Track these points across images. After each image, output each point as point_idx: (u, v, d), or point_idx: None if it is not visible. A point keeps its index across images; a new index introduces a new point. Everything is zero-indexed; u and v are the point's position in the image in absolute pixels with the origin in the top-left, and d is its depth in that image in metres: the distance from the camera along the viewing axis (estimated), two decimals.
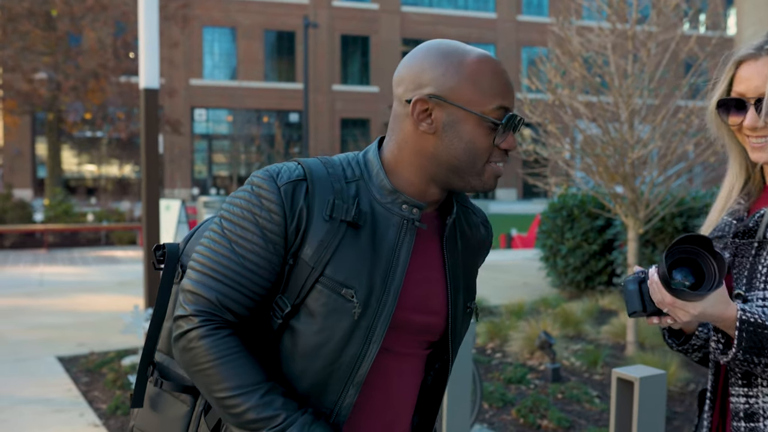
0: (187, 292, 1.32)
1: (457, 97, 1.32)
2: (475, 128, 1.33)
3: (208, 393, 1.29)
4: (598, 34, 6.19)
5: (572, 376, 5.75)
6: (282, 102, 38.16)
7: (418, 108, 1.33)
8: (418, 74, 1.34)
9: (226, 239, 1.32)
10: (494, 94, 1.33)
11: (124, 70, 22.37)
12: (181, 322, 1.31)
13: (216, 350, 1.28)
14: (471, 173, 1.36)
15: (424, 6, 41.39)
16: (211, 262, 1.32)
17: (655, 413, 2.51)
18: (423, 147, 1.35)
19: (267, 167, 1.36)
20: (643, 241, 7.78)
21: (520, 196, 42.79)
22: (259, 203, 1.31)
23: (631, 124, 5.93)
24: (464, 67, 1.33)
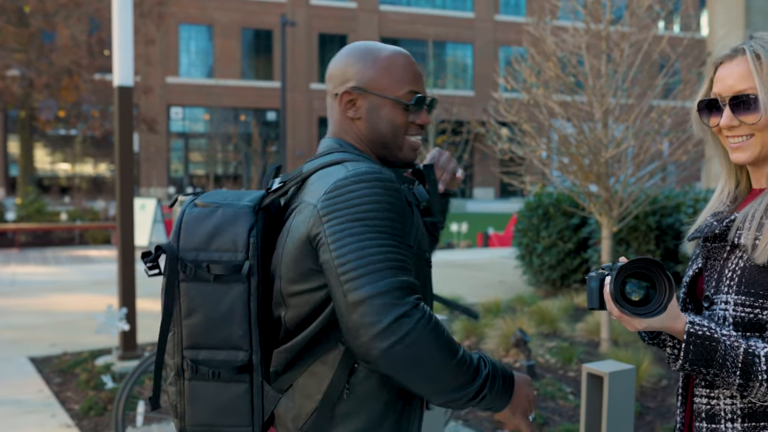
0: (391, 290, 1.37)
1: (375, 86, 1.60)
2: (392, 110, 1.62)
3: (451, 372, 1.40)
4: (572, 34, 6.23)
5: (547, 372, 5.79)
6: (259, 100, 37.99)
7: (345, 99, 1.62)
8: (343, 71, 1.62)
9: (391, 230, 1.43)
10: (405, 81, 1.62)
11: (98, 67, 22.09)
12: (406, 321, 1.36)
13: (440, 325, 1.41)
14: (394, 146, 1.63)
15: (402, 5, 41.41)
16: (392, 255, 1.41)
17: (625, 407, 2.54)
18: (358, 130, 1.63)
19: (366, 171, 1.47)
20: (617, 240, 7.86)
21: (497, 195, 42.97)
22: (401, 200, 1.48)
23: (605, 124, 5.98)
24: (379, 62, 1.61)
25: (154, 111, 33.96)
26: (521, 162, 6.73)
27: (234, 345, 1.52)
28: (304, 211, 1.50)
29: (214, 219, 1.54)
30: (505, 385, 1.50)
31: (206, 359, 1.52)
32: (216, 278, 1.50)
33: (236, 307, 1.51)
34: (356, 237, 1.40)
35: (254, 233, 1.52)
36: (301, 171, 1.58)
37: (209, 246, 1.52)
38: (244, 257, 1.50)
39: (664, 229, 7.83)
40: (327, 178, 1.49)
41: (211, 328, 1.52)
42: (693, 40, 5.97)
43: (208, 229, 1.53)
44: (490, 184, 42.96)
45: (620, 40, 5.99)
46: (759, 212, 1.52)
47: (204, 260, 1.51)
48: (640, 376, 5.33)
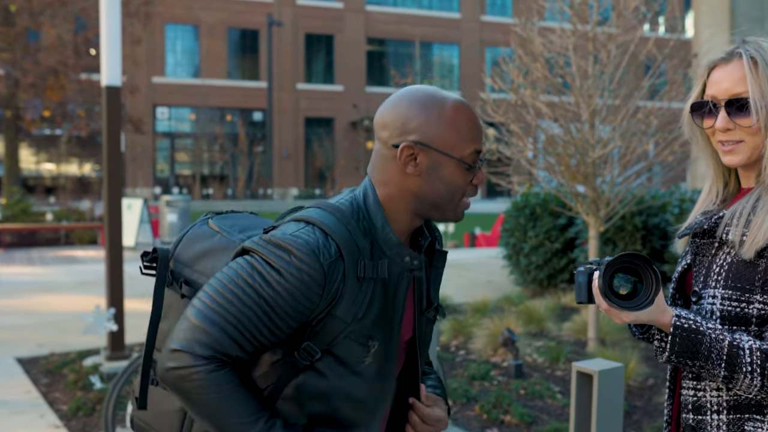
0: (200, 330, 1.38)
1: (440, 143, 1.48)
2: (455, 170, 1.50)
3: (209, 419, 1.41)
4: (560, 35, 6.28)
5: (535, 372, 5.82)
6: (246, 100, 37.88)
7: (405, 153, 1.47)
8: (404, 121, 1.48)
9: (256, 294, 1.38)
10: (470, 139, 1.50)
11: (84, 67, 21.94)
12: (187, 358, 1.38)
13: (221, 385, 1.38)
14: (449, 208, 1.53)
15: (388, 5, 41.41)
16: (234, 310, 1.38)
17: (614, 405, 2.57)
18: (409, 187, 1.50)
19: (299, 237, 1.40)
20: (604, 239, 7.91)
21: (484, 195, 43.10)
22: (301, 279, 1.38)
23: (592, 124, 6.02)
24: (444, 115, 1.48)
25: (140, 111, 33.78)
26: (509, 162, 6.77)
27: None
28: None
29: (208, 242, 1.58)
30: None
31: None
32: (182, 297, 1.53)
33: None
34: (233, 274, 1.41)
35: None
36: (283, 215, 1.58)
37: (195, 265, 1.56)
38: None
39: (650, 229, 7.89)
40: (275, 230, 1.46)
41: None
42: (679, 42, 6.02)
43: (200, 250, 1.57)
44: None
45: (607, 41, 6.04)
46: (747, 209, 1.55)
47: (184, 276, 1.55)
48: (627, 375, 5.38)
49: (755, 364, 1.45)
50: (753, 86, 1.54)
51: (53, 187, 34.56)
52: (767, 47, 1.57)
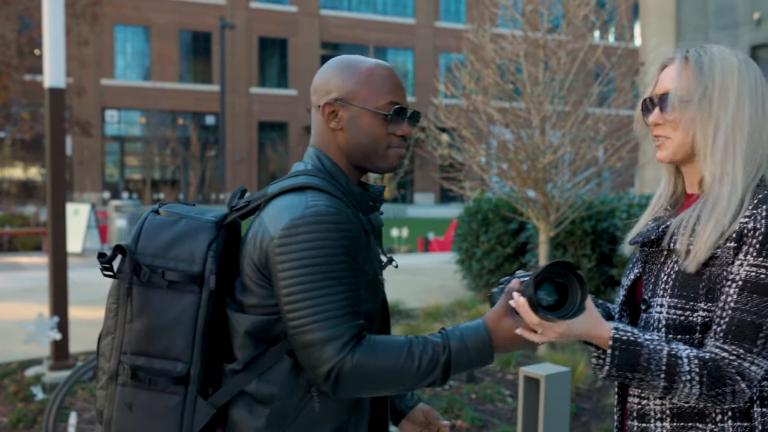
0: (328, 340, 1.45)
1: (355, 97, 1.64)
2: (372, 120, 1.64)
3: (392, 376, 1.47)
4: (511, 41, 6.33)
5: (486, 376, 5.85)
6: (198, 104, 37.45)
7: (327, 110, 1.65)
8: (326, 83, 1.67)
9: (334, 280, 1.48)
10: (385, 91, 1.65)
11: (28, 68, 21.43)
12: (339, 368, 1.45)
13: (377, 352, 1.48)
14: (376, 156, 1.66)
15: (343, 10, 41.44)
16: (335, 305, 1.47)
17: (560, 409, 2.59)
18: (338, 142, 1.66)
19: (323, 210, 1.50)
20: (555, 244, 8.00)
21: (438, 201, 43.34)
22: (353, 236, 1.52)
23: (542, 130, 6.08)
24: (359, 74, 1.65)
25: (88, 113, 33.11)
26: (461, 168, 6.80)
27: (175, 355, 1.54)
28: (260, 233, 1.55)
29: (175, 228, 1.59)
30: (478, 350, 1.51)
31: (144, 366, 1.53)
32: (169, 286, 1.53)
33: (184, 317, 1.54)
34: (305, 285, 1.46)
35: (213, 247, 1.57)
36: (266, 193, 1.61)
37: (167, 253, 1.56)
38: (200, 269, 1.55)
39: (600, 234, 8.00)
40: (286, 208, 1.52)
41: (155, 336, 1.53)
42: (627, 50, 6.13)
43: (168, 238, 1.57)
44: (430, 190, 43.29)
45: (557, 49, 6.11)
46: (692, 219, 1.57)
47: (160, 266, 1.54)
48: (575, 378, 5.44)
49: (693, 372, 1.46)
50: (677, 82, 1.58)
51: None
52: (708, 50, 1.60)
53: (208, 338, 1.57)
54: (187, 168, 36.49)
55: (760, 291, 1.45)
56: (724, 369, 1.46)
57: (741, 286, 1.47)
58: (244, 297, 1.57)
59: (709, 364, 1.46)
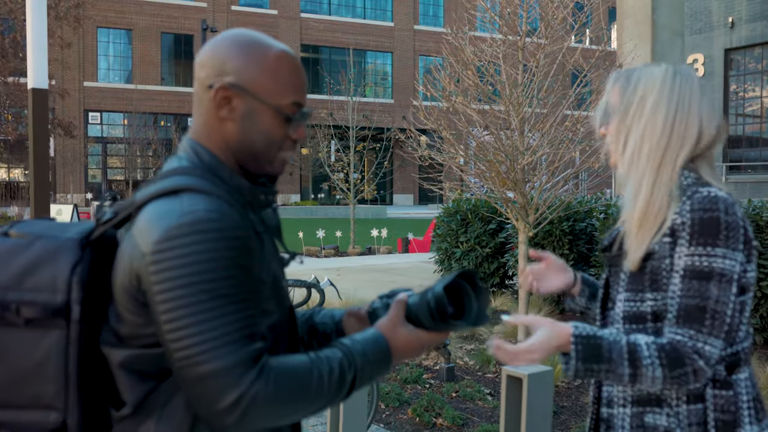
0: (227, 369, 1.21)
1: (257, 88, 1.37)
2: (272, 120, 1.39)
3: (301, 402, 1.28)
4: (490, 44, 6.42)
5: (466, 375, 5.91)
6: (180, 106, 37.34)
7: (220, 95, 1.36)
8: (223, 61, 1.37)
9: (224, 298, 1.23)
10: (292, 89, 1.40)
11: (12, 70, 21.35)
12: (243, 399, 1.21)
13: (282, 378, 1.26)
14: (265, 160, 1.41)
15: (323, 13, 41.48)
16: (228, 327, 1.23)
17: (543, 407, 2.65)
18: (225, 134, 1.39)
19: (203, 217, 1.24)
20: (533, 244, 8.09)
21: (416, 201, 43.45)
22: (241, 246, 1.27)
23: (521, 132, 6.17)
24: (266, 61, 1.38)
25: (71, 115, 32.96)
26: (440, 169, 6.88)
27: (45, 404, 1.28)
28: (129, 250, 1.28)
29: (30, 253, 1.30)
30: (379, 362, 1.38)
31: (9, 421, 1.28)
32: (27, 323, 1.27)
33: (50, 358, 1.27)
34: (188, 309, 1.20)
35: (78, 270, 1.29)
36: (134, 199, 1.34)
37: (21, 284, 1.28)
38: (65, 299, 1.27)
39: (577, 234, 8.11)
40: (159, 217, 1.25)
41: (17, 384, 1.27)
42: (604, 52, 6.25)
43: (22, 265, 1.29)
44: (409, 191, 43.40)
45: (536, 51, 6.21)
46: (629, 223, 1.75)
47: (13, 301, 1.27)
48: (555, 376, 5.51)
49: (653, 356, 1.58)
50: (608, 97, 1.80)
51: None
52: (640, 69, 1.78)
53: (84, 379, 1.30)
54: None
55: (697, 276, 1.59)
56: (680, 350, 1.57)
57: (682, 275, 1.61)
58: (119, 327, 1.30)
59: (666, 347, 1.58)
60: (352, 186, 17.47)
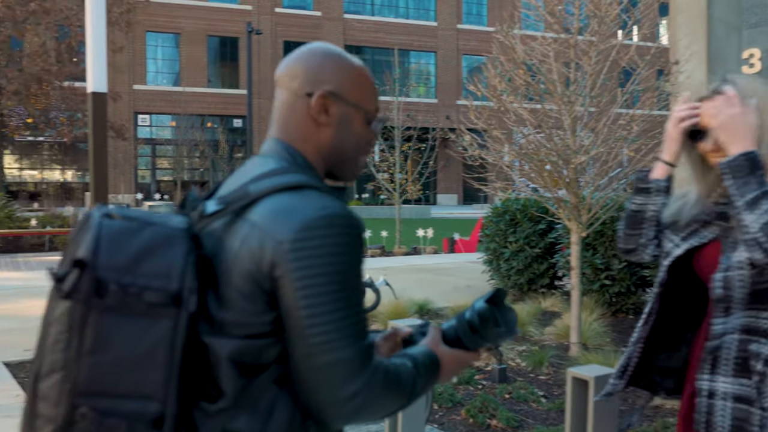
0: (354, 359, 1.28)
1: (350, 96, 1.48)
2: (361, 124, 1.51)
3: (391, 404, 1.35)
4: (541, 42, 6.37)
5: (518, 376, 5.88)
6: (226, 107, 37.82)
7: (319, 102, 1.45)
8: (317, 71, 1.47)
9: (353, 292, 1.31)
10: (374, 97, 1.53)
11: (67, 74, 21.93)
12: (364, 389, 1.29)
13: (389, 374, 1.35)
14: (351, 163, 1.52)
15: (366, 14, 41.57)
16: (356, 319, 1.31)
17: (609, 410, 2.62)
18: (321, 139, 1.47)
19: (338, 213, 1.31)
20: (584, 245, 8.01)
21: (460, 201, 43.28)
22: (360, 248, 1.34)
23: (573, 131, 6.12)
24: (354, 71, 1.50)
25: (121, 118, 33.66)
26: (491, 168, 6.84)
27: (147, 393, 1.26)
28: (257, 238, 1.30)
29: (143, 237, 1.29)
30: (432, 380, 1.46)
31: (107, 409, 1.24)
32: (146, 309, 1.25)
33: (158, 347, 1.26)
34: (328, 295, 1.26)
35: (191, 260, 1.30)
36: (248, 192, 1.36)
37: (137, 269, 1.26)
38: (178, 287, 1.27)
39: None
40: (291, 210, 1.30)
41: (120, 372, 1.24)
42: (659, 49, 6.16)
43: (137, 249, 1.27)
44: (453, 191, 43.25)
45: (588, 48, 6.14)
46: None
47: (131, 284, 1.25)
48: None
49: None
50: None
51: (36, 193, 34.39)
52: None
53: (184, 371, 1.30)
54: (216, 169, 36.88)
55: None
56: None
57: None
58: (224, 314, 1.32)
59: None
60: (397, 186, 17.48)
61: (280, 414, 1.33)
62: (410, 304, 8.30)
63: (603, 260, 7.92)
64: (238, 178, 1.45)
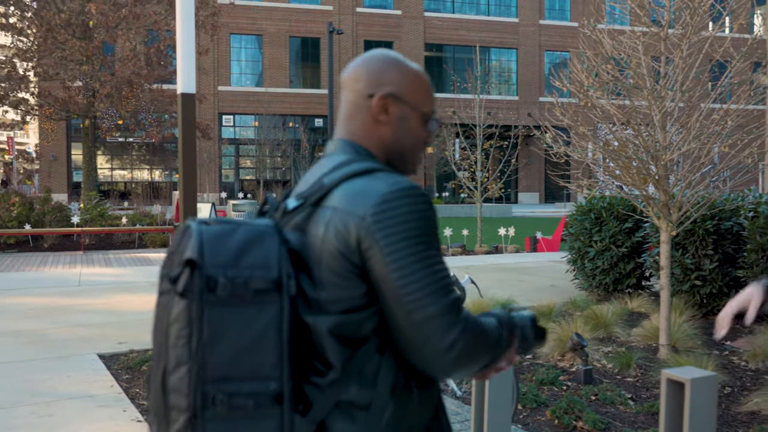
0: (450, 308, 1.40)
1: (408, 97, 1.63)
2: (418, 124, 1.64)
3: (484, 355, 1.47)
4: (629, 36, 6.21)
5: (604, 378, 5.75)
6: (307, 107, 38.38)
7: (380, 102, 1.60)
8: (379, 75, 1.62)
9: (436, 250, 1.44)
10: (431, 99, 1.66)
11: (156, 77, 22.76)
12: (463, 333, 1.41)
13: (478, 326, 1.46)
14: (410, 158, 1.66)
15: (446, 11, 41.43)
16: (444, 273, 1.44)
17: (707, 414, 2.53)
18: (380, 136, 1.61)
19: (409, 185, 1.45)
20: (673, 244, 7.78)
21: (542, 200, 42.62)
22: (434, 215, 1.48)
23: (663, 126, 5.94)
24: (413, 74, 1.64)
25: (206, 119, 34.69)
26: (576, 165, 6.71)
27: (264, 375, 1.37)
28: (339, 219, 1.43)
29: (238, 236, 1.42)
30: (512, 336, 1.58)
31: (234, 391, 1.36)
32: (253, 297, 1.36)
33: (268, 331, 1.37)
34: (415, 256, 1.39)
35: (284, 250, 1.42)
36: (323, 184, 1.50)
37: (238, 263, 1.38)
38: (277, 274, 1.39)
39: (722, 234, 7.72)
40: (366, 189, 1.44)
41: (237, 358, 1.36)
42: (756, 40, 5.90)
43: (235, 246, 1.40)
44: (534, 189, 42.62)
45: (679, 41, 5.95)
46: None
47: (236, 276, 1.36)
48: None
49: None
50: None
51: (126, 192, 35.80)
52: None
53: (293, 349, 1.42)
54: (298, 169, 37.49)
55: None
56: None
57: None
58: (320, 293, 1.44)
59: None
60: (478, 184, 17.36)
61: (384, 379, 1.45)
62: (493, 303, 8.25)
63: (693, 260, 7.67)
64: (310, 177, 1.60)
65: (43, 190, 18.34)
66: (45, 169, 35.10)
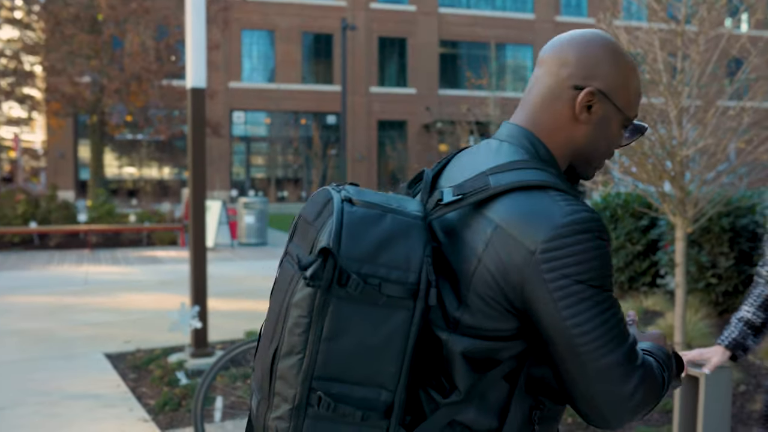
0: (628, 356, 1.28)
1: (617, 98, 1.40)
2: (618, 129, 1.43)
3: (657, 400, 1.37)
4: (646, 31, 6.11)
5: None
6: (319, 104, 38.36)
7: (586, 99, 1.38)
8: (593, 64, 1.39)
9: (610, 293, 1.30)
10: (638, 104, 1.44)
11: (166, 73, 22.69)
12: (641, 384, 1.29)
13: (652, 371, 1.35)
14: (596, 166, 1.46)
15: (461, 7, 41.28)
16: (619, 317, 1.30)
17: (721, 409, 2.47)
18: (574, 136, 1.41)
19: (587, 218, 1.26)
20: (689, 241, 7.67)
21: None
22: (609, 250, 1.31)
23: (679, 122, 5.84)
24: (629, 73, 1.41)
25: (217, 115, 34.70)
26: None
27: (380, 382, 1.27)
28: (504, 244, 1.26)
29: (383, 226, 1.26)
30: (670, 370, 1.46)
31: (341, 394, 1.26)
32: (383, 300, 1.24)
33: (394, 338, 1.25)
34: (590, 300, 1.24)
35: (429, 251, 1.26)
36: (488, 184, 1.30)
37: (376, 259, 1.24)
38: (416, 279, 1.24)
39: (739, 231, 7.60)
40: (537, 214, 1.25)
41: (359, 359, 1.25)
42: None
43: (376, 238, 1.25)
44: None
45: (696, 37, 5.85)
46: None
47: (370, 275, 1.23)
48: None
49: None
50: None
51: (135, 189, 35.89)
52: None
53: (415, 362, 1.33)
54: (310, 167, 37.49)
55: None
56: None
57: None
58: (461, 315, 1.30)
59: None
60: None
61: (515, 412, 1.33)
62: None
63: (709, 258, 7.56)
64: (470, 162, 1.41)
65: (49, 187, 18.34)
66: (52, 166, 35.27)
